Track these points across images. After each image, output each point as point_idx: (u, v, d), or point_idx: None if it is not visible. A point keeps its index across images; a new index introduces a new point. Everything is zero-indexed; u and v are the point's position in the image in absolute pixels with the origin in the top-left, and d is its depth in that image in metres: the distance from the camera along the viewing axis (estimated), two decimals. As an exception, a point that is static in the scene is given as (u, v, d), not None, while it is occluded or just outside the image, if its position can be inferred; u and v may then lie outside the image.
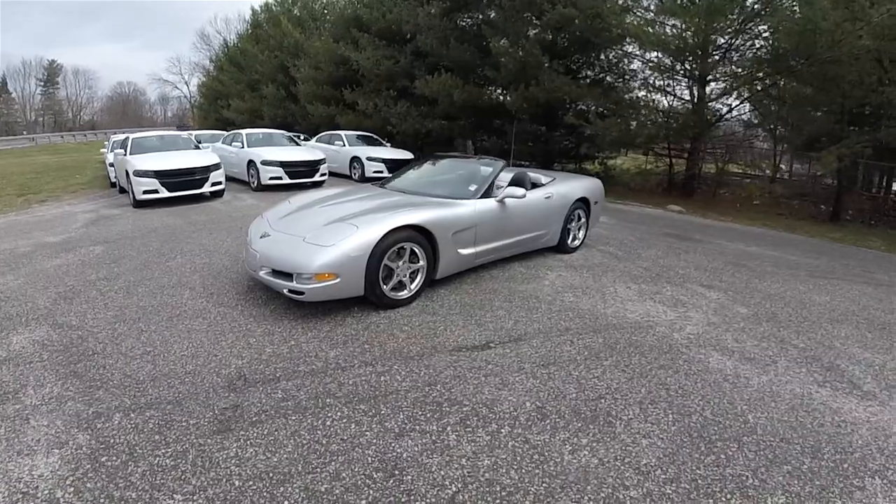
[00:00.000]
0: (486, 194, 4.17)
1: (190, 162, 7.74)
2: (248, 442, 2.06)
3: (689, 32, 9.03)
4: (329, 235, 3.23)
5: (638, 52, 10.87)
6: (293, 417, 2.22)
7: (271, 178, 9.11)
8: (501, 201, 4.15)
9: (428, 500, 1.71)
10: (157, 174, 7.29)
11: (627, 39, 10.56)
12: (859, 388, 2.67)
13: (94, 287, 3.99)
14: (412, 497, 1.73)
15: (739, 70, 9.20)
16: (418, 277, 3.56)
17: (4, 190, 9.95)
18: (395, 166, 9.88)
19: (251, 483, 1.83)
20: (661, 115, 10.87)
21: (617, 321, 3.42)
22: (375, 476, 1.84)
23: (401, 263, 3.41)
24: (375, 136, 13.63)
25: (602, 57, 12.34)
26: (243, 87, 26.41)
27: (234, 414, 2.25)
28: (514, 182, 4.93)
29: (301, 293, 3.13)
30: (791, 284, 4.58)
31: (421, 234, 3.46)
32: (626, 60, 11.84)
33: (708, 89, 10.29)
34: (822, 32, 6.94)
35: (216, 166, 8.05)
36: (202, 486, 1.82)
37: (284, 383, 2.50)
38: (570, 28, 11.12)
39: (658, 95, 11.29)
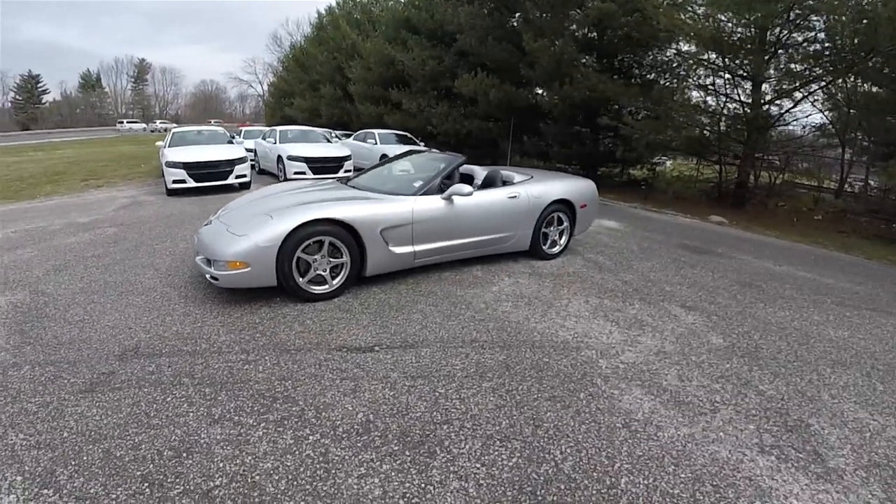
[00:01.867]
0: (434, 191, 4.08)
1: (216, 155, 8.41)
2: (97, 404, 2.24)
3: (731, 23, 8.11)
4: (246, 226, 3.36)
5: (685, 50, 10.02)
6: (146, 389, 2.35)
7: (296, 173, 9.62)
8: (448, 199, 4.03)
9: (187, 487, 1.74)
10: (185, 165, 8.02)
11: (675, 35, 9.77)
12: (822, 463, 1.99)
13: (84, 263, 4.46)
14: (177, 480, 1.77)
15: (795, 67, 8.14)
16: (342, 273, 3.58)
17: (73, 175, 11.41)
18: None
19: (73, 437, 2.02)
20: (706, 116, 9.93)
21: (540, 338, 3.08)
22: (164, 454, 1.91)
23: (318, 257, 3.45)
24: (411, 136, 13.84)
25: (649, 55, 11.55)
26: (305, 86, 28.05)
27: (105, 379, 2.45)
28: (486, 180, 4.79)
29: (216, 279, 3.28)
30: (805, 313, 3.85)
31: (344, 230, 3.47)
32: (675, 59, 10.98)
33: (762, 89, 9.23)
34: (882, 22, 5.95)
35: (241, 160, 8.66)
36: (41, 430, 2.06)
37: (163, 359, 2.65)
38: (612, 24, 10.53)
39: (702, 95, 10.33)
